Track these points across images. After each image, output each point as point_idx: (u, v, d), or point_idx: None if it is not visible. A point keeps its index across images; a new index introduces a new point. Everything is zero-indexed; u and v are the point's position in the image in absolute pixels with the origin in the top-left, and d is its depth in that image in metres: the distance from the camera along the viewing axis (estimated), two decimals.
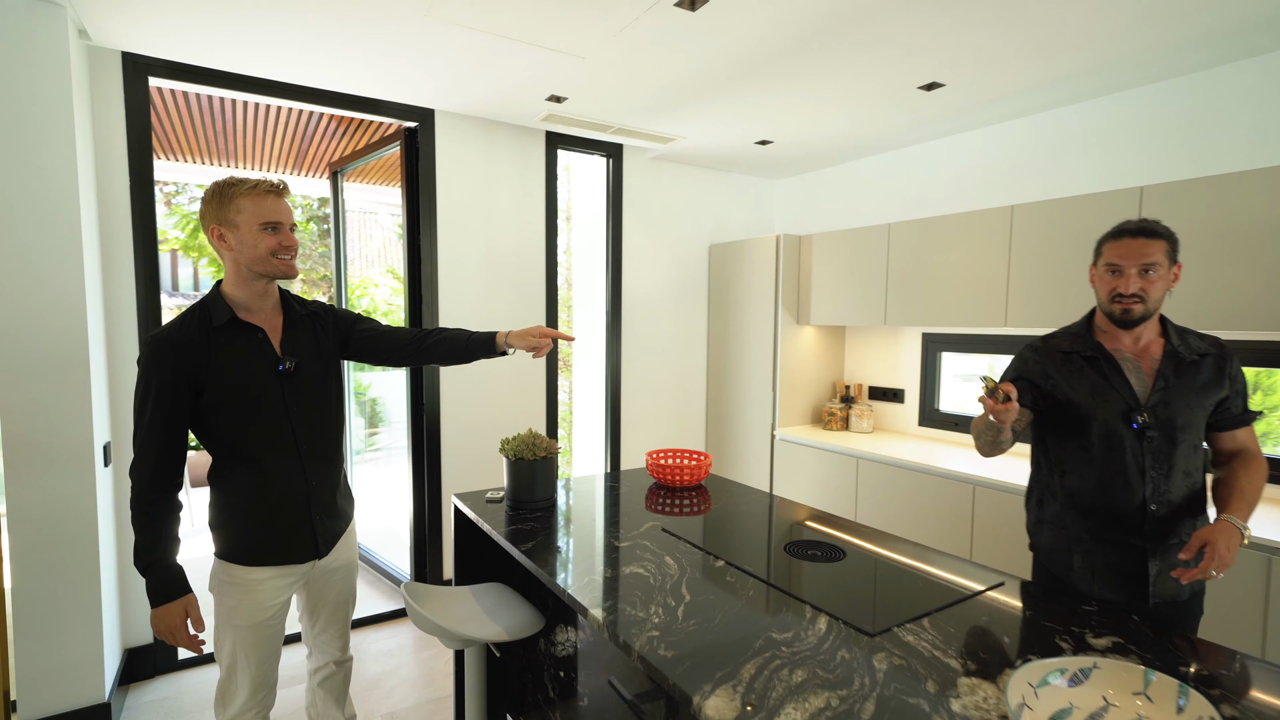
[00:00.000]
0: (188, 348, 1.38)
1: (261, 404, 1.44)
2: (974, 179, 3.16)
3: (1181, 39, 2.11)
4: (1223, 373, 1.49)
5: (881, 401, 3.60)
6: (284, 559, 1.51)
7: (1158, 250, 1.43)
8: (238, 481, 1.47)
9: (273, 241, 1.41)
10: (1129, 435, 1.48)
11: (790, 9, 1.94)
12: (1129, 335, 1.53)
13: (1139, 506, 1.47)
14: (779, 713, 0.97)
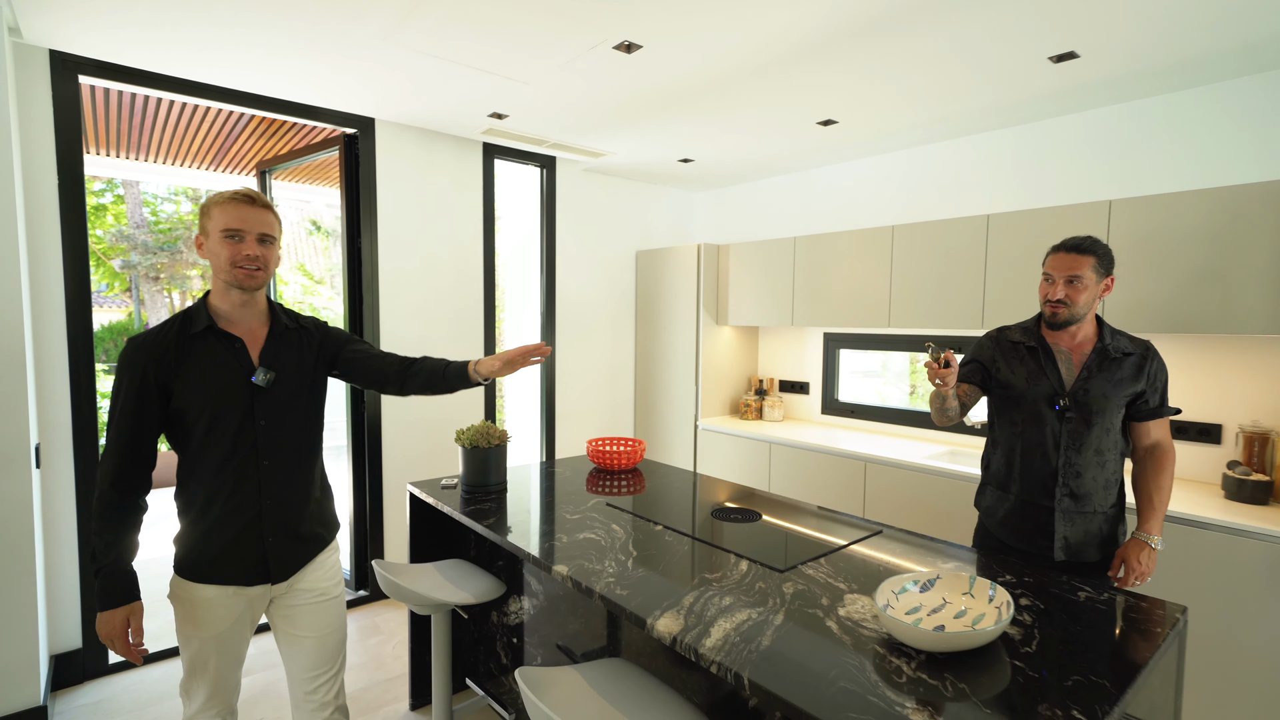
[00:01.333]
0: (160, 351, 1.37)
1: (225, 414, 1.41)
2: (864, 200, 3.65)
3: (1011, 99, 2.62)
4: (1142, 370, 1.71)
5: (790, 393, 4.04)
6: (227, 578, 1.44)
7: (1085, 265, 1.67)
8: (192, 491, 1.43)
9: (232, 250, 1.39)
10: (1051, 415, 1.73)
11: (712, 57, 2.27)
12: (1066, 333, 1.76)
13: (1052, 474, 1.74)
14: (713, 625, 1.28)
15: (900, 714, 0.99)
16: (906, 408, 3.54)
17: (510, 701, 2.24)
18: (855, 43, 2.15)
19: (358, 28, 2.11)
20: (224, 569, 1.44)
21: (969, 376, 1.87)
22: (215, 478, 1.42)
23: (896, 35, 2.09)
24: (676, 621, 1.29)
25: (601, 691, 1.33)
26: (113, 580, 1.35)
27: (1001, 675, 1.11)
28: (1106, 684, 1.09)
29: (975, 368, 1.88)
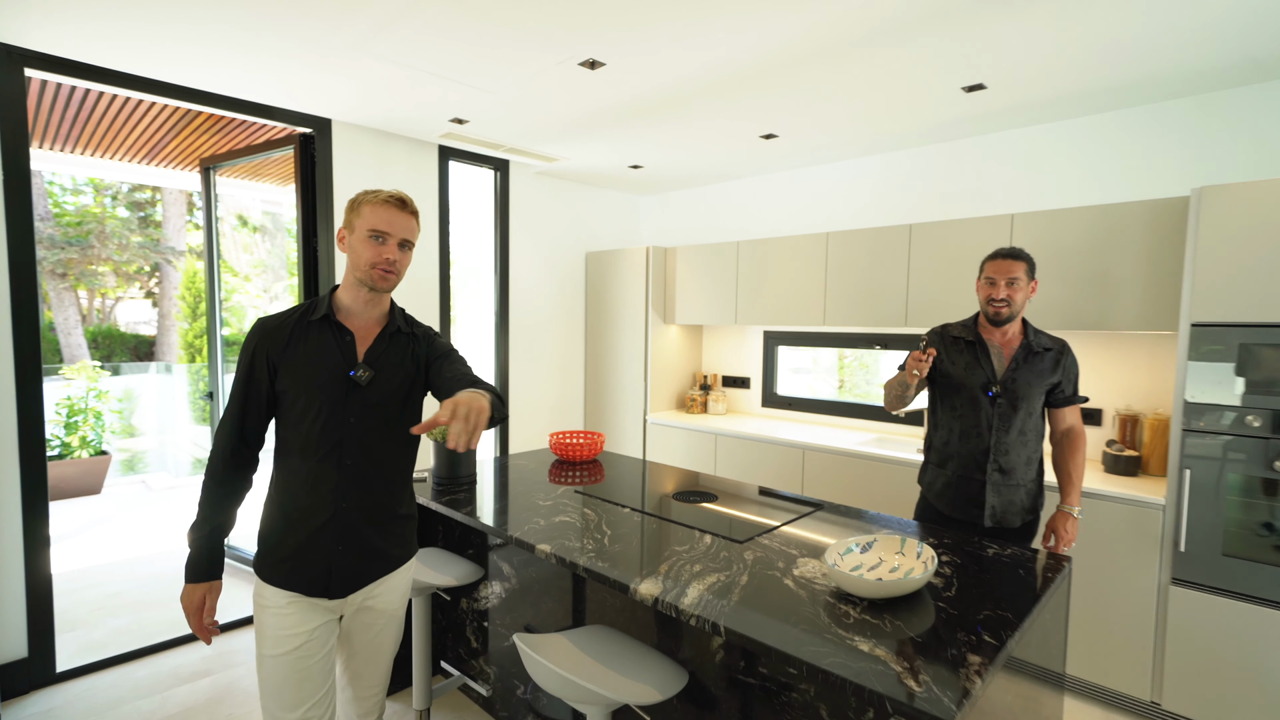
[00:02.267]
0: (276, 332, 1.39)
1: (320, 403, 1.37)
2: (801, 208, 3.93)
3: (931, 121, 2.94)
4: (1059, 364, 1.99)
5: (732, 388, 4.30)
6: (294, 585, 1.37)
7: (1019, 269, 1.94)
8: (276, 486, 1.42)
9: (374, 251, 1.39)
10: (984, 401, 1.99)
11: (669, 76, 2.45)
12: (999, 331, 2.02)
13: (985, 452, 1.99)
14: (689, 586, 1.46)
15: (850, 645, 1.21)
16: (837, 399, 3.85)
17: (484, 680, 2.35)
18: (797, 69, 2.39)
19: (334, 36, 2.17)
20: (293, 577, 1.38)
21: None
22: (300, 473, 1.39)
23: (832, 64, 2.34)
24: (656, 585, 1.46)
25: (588, 650, 1.48)
26: (200, 554, 1.36)
27: (928, 614, 1.35)
28: (1009, 615, 1.34)
29: None
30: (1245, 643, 2.11)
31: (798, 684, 1.39)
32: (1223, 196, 2.12)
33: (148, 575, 3.65)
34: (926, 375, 2.05)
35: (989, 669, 1.14)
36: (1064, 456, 2.06)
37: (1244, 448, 2.10)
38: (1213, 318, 2.15)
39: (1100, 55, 2.23)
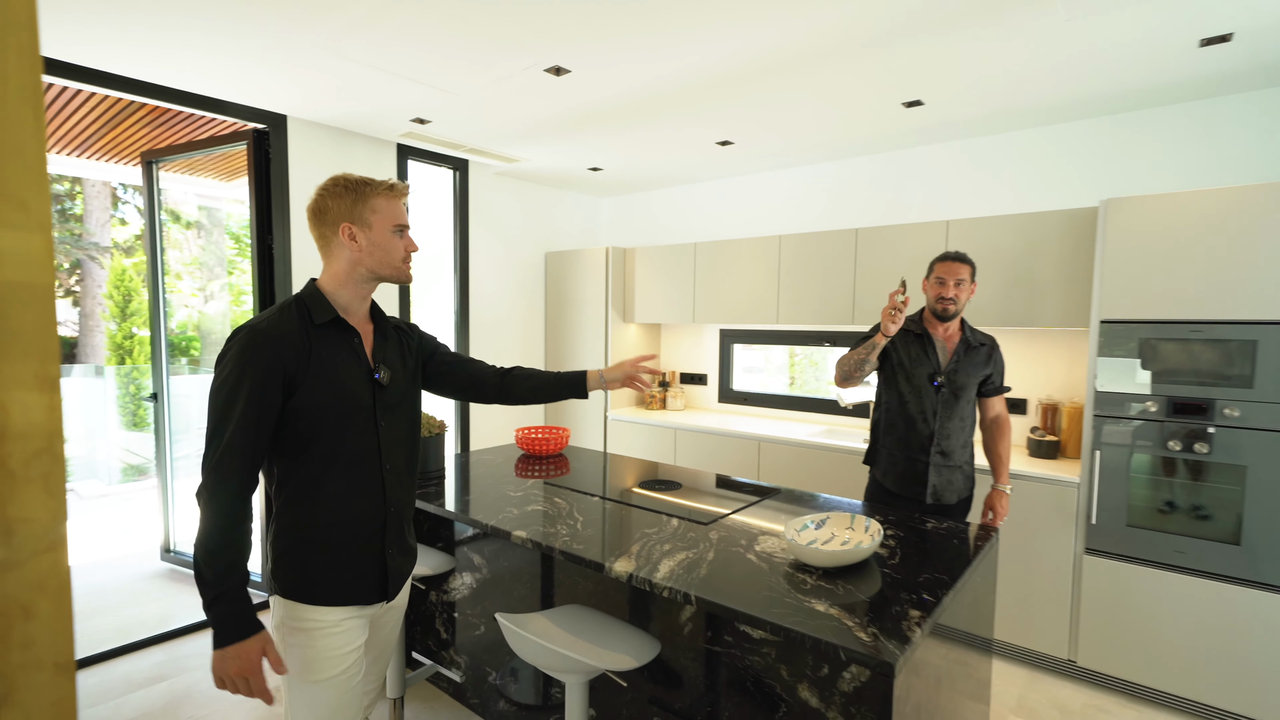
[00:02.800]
0: (288, 340, 1.24)
1: (355, 414, 1.31)
2: (756, 211, 4.11)
3: (874, 133, 3.15)
4: (991, 358, 2.21)
5: (690, 384, 4.44)
6: (354, 597, 1.32)
7: (965, 271, 2.14)
8: (313, 498, 1.29)
9: (403, 245, 1.35)
10: (929, 390, 2.17)
11: (632, 84, 2.56)
12: (943, 327, 2.21)
13: (928, 436, 2.18)
14: (660, 563, 1.57)
15: (808, 607, 1.34)
16: (789, 394, 4.04)
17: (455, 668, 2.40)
18: (752, 81, 2.53)
19: (301, 35, 2.18)
20: (350, 587, 1.31)
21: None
22: (340, 483, 1.30)
23: (785, 79, 2.50)
24: (630, 563, 1.57)
25: (566, 626, 1.57)
26: (240, 607, 1.17)
27: (875, 580, 1.50)
28: (945, 578, 1.51)
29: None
30: (1148, 602, 2.37)
31: (760, 648, 1.52)
32: (1126, 208, 2.38)
33: (88, 585, 3.51)
34: (878, 359, 2.20)
35: (927, 621, 1.29)
36: (994, 440, 2.27)
37: (1145, 431, 2.36)
38: (1119, 315, 2.41)
39: (1022, 78, 2.46)
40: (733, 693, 1.56)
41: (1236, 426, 2.19)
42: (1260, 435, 2.16)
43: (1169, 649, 2.34)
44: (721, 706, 1.59)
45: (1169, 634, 2.33)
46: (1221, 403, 2.22)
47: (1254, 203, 2.15)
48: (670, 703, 1.71)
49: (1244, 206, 2.17)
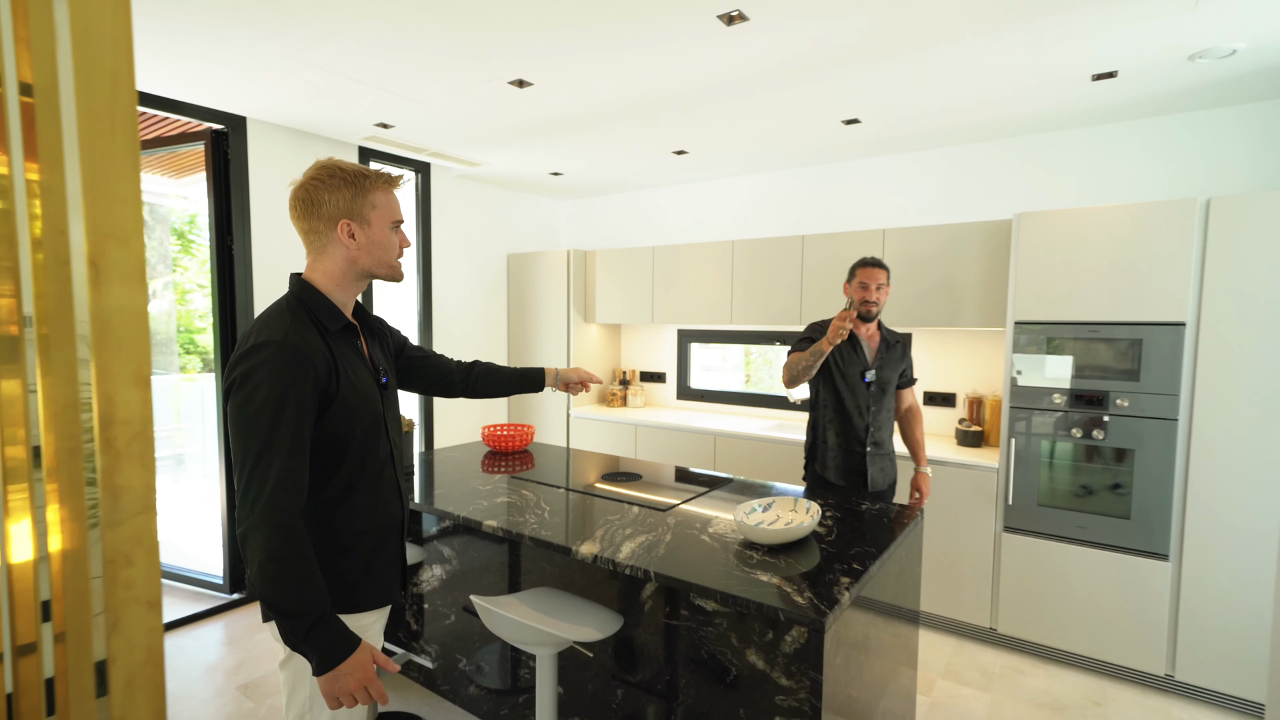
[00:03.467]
0: (316, 355, 1.18)
1: (375, 420, 1.31)
2: (710, 216, 4.31)
3: (818, 146, 3.38)
4: (906, 353, 2.47)
5: (650, 383, 4.61)
6: (384, 598, 1.34)
7: (883, 275, 2.34)
8: (343, 509, 1.27)
9: (399, 241, 1.31)
10: (860, 386, 2.38)
11: (591, 98, 2.70)
12: (865, 327, 2.42)
13: (864, 429, 2.38)
14: (622, 545, 1.73)
15: (754, 578, 1.52)
16: (743, 391, 4.26)
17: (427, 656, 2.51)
18: (703, 99, 2.71)
19: (268, 44, 2.24)
20: (381, 589, 1.33)
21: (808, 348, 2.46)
22: (368, 490, 1.29)
23: (735, 96, 2.69)
24: (595, 546, 1.72)
25: (536, 605, 1.72)
26: (335, 629, 1.14)
27: (814, 554, 1.69)
28: (873, 550, 1.72)
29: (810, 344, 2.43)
30: (1057, 574, 2.66)
31: (713, 620, 1.70)
32: (1035, 221, 2.66)
33: None
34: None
35: (854, 586, 1.49)
36: (910, 428, 2.54)
37: (1052, 421, 2.65)
38: (1030, 317, 2.69)
39: (945, 102, 2.71)
40: (689, 662, 1.73)
41: (1126, 415, 2.50)
42: (1145, 422, 2.46)
43: (1074, 614, 2.63)
44: (679, 675, 1.76)
45: (1074, 601, 2.63)
46: (1114, 394, 2.51)
47: (1142, 219, 2.45)
48: (632, 676, 1.87)
49: (1134, 222, 2.47)
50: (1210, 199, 2.33)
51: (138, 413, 0.55)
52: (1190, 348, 2.39)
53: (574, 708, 2.03)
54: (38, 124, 0.51)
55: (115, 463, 0.53)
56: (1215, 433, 2.36)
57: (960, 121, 2.97)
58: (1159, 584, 2.47)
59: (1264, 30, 2.01)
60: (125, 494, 0.54)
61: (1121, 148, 2.96)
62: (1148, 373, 2.45)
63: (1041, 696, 2.48)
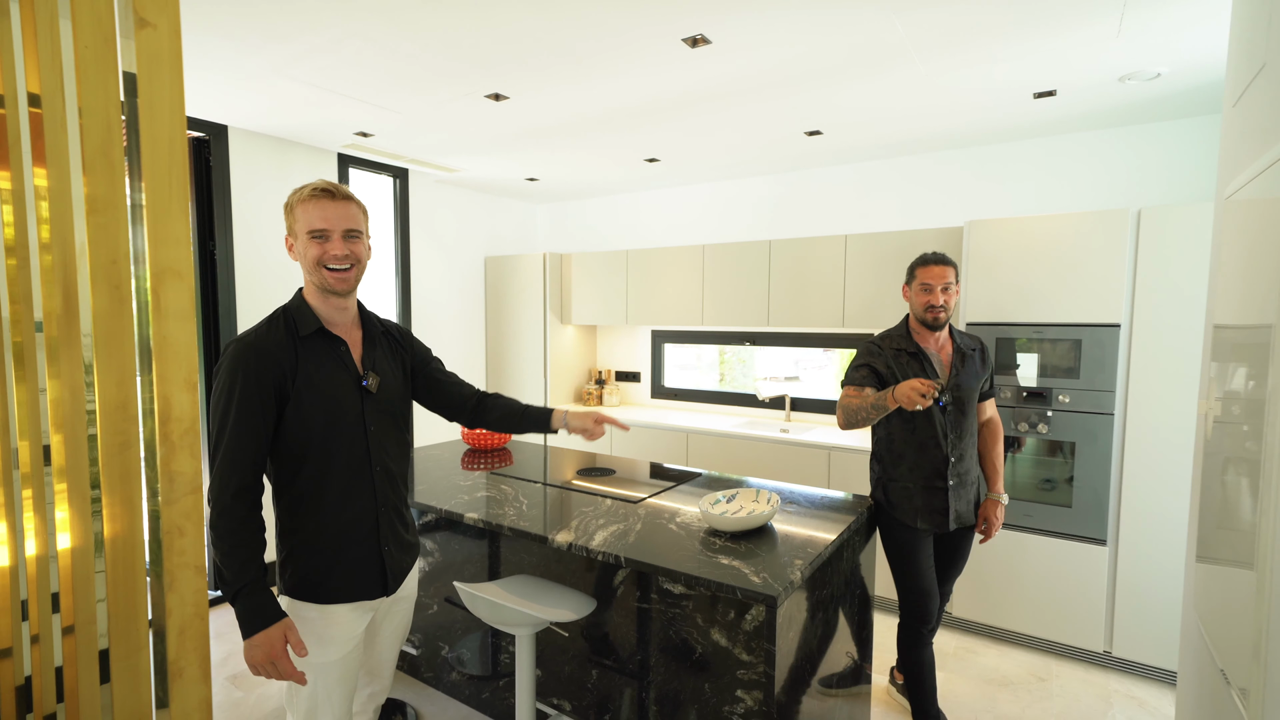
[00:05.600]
0: (276, 353, 1.30)
1: (344, 421, 1.36)
2: (682, 220, 4.44)
3: (782, 156, 3.53)
4: (986, 361, 2.07)
5: (625, 382, 4.74)
6: (354, 594, 1.40)
7: (952, 274, 1.96)
8: (304, 505, 1.36)
9: (319, 250, 1.32)
10: (935, 410, 1.97)
11: (565, 110, 2.81)
12: (933, 337, 2.01)
13: (943, 460, 1.99)
14: (595, 534, 1.85)
15: (717, 562, 1.65)
16: (716, 389, 4.41)
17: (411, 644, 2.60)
18: (673, 112, 2.84)
19: (249, 59, 2.32)
20: (350, 585, 1.39)
21: (867, 380, 2.04)
22: (333, 488, 1.36)
23: (704, 109, 2.82)
24: (570, 534, 1.84)
25: (515, 590, 1.83)
26: (258, 600, 1.25)
27: (774, 540, 1.83)
28: (827, 536, 1.86)
29: (869, 373, 2.04)
30: (1006, 560, 2.84)
31: (680, 602, 1.83)
32: (984, 228, 2.84)
33: None
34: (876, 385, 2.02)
35: (807, 567, 1.63)
36: (988, 447, 2.13)
37: (1002, 416, 2.83)
38: (981, 319, 2.87)
39: (900, 116, 2.88)
40: (659, 642, 1.86)
41: (1068, 410, 2.68)
42: (1084, 416, 2.65)
43: (1022, 597, 2.81)
44: (650, 655, 1.88)
45: (1022, 584, 2.81)
46: (1057, 390, 2.70)
47: (1080, 227, 2.64)
48: (606, 658, 1.99)
49: (1073, 230, 2.65)
50: (1141, 209, 2.52)
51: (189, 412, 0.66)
52: (1125, 347, 2.58)
53: (551, 688, 2.14)
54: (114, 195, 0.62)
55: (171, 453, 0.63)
56: (1146, 426, 2.55)
57: (914, 134, 3.14)
58: (1098, 567, 2.66)
59: (1183, 56, 2.19)
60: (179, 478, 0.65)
61: (1063, 159, 3.16)
62: (1087, 371, 2.64)
63: (991, 674, 2.65)
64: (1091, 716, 2.37)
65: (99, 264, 0.69)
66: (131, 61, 0.60)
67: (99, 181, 0.67)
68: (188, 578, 0.65)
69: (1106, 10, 1.87)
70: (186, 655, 0.65)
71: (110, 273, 0.63)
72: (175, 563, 0.64)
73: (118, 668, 0.69)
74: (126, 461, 0.71)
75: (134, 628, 0.71)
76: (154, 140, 0.61)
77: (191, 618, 0.65)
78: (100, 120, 0.69)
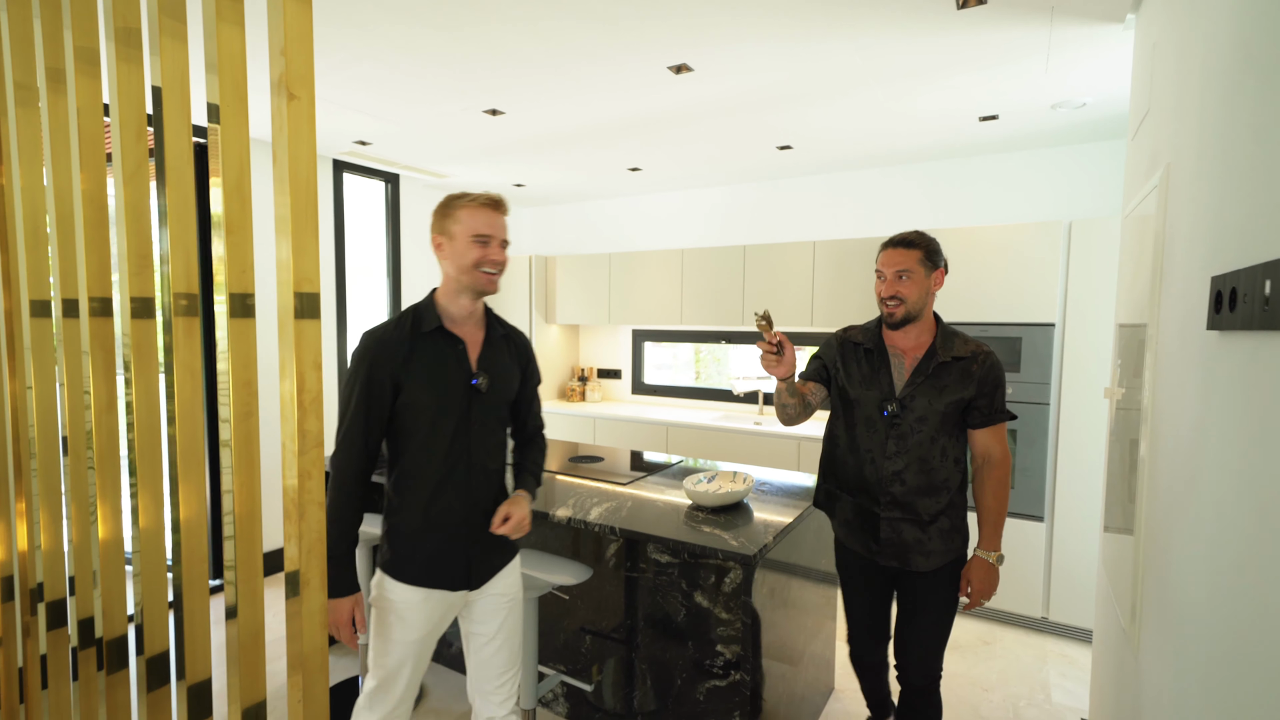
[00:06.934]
0: (394, 346, 1.40)
1: (447, 416, 1.44)
2: (662, 225, 4.68)
3: (756, 167, 3.79)
4: (970, 376, 1.60)
5: (607, 379, 4.96)
6: (435, 582, 1.46)
7: (911, 259, 1.59)
8: (407, 490, 1.45)
9: (479, 253, 1.43)
10: (881, 421, 1.65)
11: (557, 124, 3.02)
12: (903, 334, 1.67)
13: (877, 482, 1.66)
14: (591, 510, 2.07)
15: (699, 530, 1.89)
16: (692, 385, 4.66)
17: None
18: (655, 126, 3.07)
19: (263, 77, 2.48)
20: (433, 572, 1.46)
21: (814, 374, 1.83)
22: (432, 479, 1.45)
23: (683, 125, 3.06)
24: (569, 510, 2.06)
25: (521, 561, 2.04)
26: (343, 570, 1.39)
27: (749, 515, 2.07)
28: (795, 510, 2.11)
29: (819, 366, 1.83)
30: None
31: (667, 570, 2.06)
32: (938, 236, 3.13)
33: None
34: (823, 381, 1.82)
35: (779, 535, 1.88)
36: (977, 488, 1.71)
37: None
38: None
39: (862, 134, 3.16)
40: (648, 606, 2.09)
41: (1010, 400, 2.98)
42: (1024, 406, 2.95)
43: None
44: (639, 617, 2.11)
45: None
46: None
47: (1021, 237, 2.94)
48: (598, 625, 2.21)
49: (1016, 239, 2.95)
50: (1072, 222, 2.84)
51: (315, 386, 0.87)
52: (1059, 345, 2.89)
53: (548, 655, 2.35)
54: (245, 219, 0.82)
55: (304, 415, 0.84)
56: (1077, 415, 2.86)
57: (875, 150, 3.43)
58: (1037, 542, 2.96)
59: (1105, 89, 2.50)
60: (308, 435, 0.85)
61: (1006, 175, 3.48)
62: (1026, 365, 2.95)
63: None
64: (1028, 672, 2.67)
65: (234, 273, 0.89)
66: (282, 126, 0.81)
67: (235, 210, 0.88)
68: (313, 510, 0.85)
69: (1035, 52, 2.16)
70: (311, 569, 0.85)
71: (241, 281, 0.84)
72: (305, 499, 0.84)
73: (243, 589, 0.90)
74: (249, 427, 0.91)
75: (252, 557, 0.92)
76: (297, 180, 0.81)
77: (315, 541, 0.85)
78: (236, 161, 0.89)
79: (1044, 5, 1.82)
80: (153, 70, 1.03)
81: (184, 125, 1.05)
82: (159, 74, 1.02)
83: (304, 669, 0.89)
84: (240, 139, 0.94)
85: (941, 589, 1.70)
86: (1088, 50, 2.14)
